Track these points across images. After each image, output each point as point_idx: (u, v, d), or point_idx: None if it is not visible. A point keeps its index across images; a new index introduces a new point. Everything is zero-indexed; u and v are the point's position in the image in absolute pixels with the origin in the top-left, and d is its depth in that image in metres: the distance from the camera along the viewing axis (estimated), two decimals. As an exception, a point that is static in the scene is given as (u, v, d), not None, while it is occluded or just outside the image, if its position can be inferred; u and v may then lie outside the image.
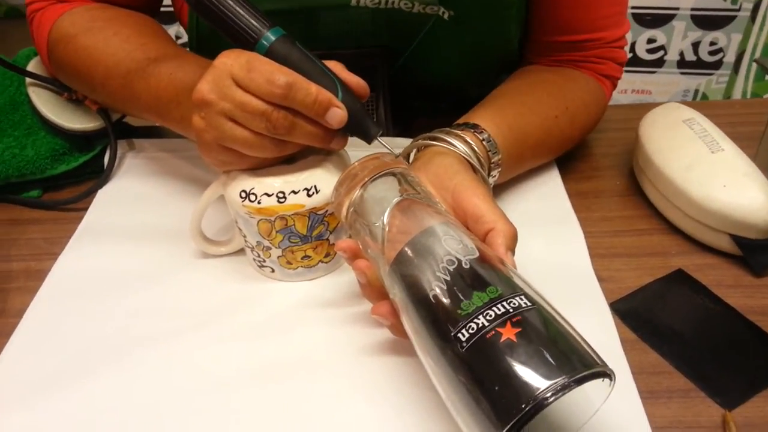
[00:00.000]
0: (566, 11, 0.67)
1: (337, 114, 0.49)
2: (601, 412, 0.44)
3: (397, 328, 0.46)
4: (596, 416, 0.44)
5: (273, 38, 0.50)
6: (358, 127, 0.52)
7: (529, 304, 0.38)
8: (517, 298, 0.38)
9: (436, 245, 0.42)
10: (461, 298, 0.39)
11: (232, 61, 0.48)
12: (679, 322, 0.54)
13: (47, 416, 0.48)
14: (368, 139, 0.53)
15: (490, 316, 0.37)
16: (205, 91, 0.48)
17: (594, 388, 0.37)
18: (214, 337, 0.53)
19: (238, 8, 0.50)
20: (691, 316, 0.54)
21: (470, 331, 0.37)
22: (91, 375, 0.50)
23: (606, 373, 0.36)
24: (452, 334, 0.38)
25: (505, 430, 0.34)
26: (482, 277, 0.40)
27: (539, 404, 0.34)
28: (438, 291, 0.40)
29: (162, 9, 0.75)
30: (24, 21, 0.70)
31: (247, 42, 0.50)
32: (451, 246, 0.42)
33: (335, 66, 0.52)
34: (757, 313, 0.54)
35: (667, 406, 0.47)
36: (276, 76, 0.47)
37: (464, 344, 0.37)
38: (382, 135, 0.53)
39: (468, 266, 0.41)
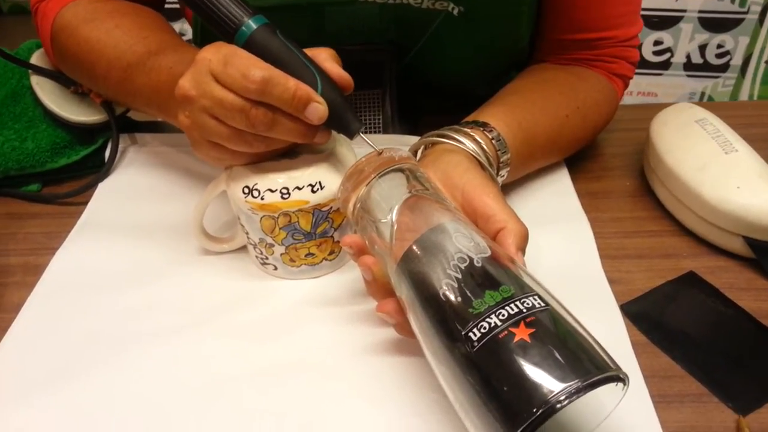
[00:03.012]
0: (580, 9, 0.66)
1: (317, 109, 0.47)
2: (613, 417, 0.43)
3: (403, 327, 0.45)
4: (608, 420, 0.43)
5: (254, 26, 0.47)
6: (339, 122, 0.49)
7: (542, 304, 0.37)
8: (531, 298, 0.37)
9: (446, 242, 0.41)
10: (473, 296, 0.38)
11: (211, 55, 0.46)
12: (690, 325, 0.53)
13: (44, 412, 0.46)
14: (349, 134, 0.50)
15: (503, 315, 0.36)
16: (186, 88, 0.47)
17: (606, 391, 0.36)
18: (216, 335, 0.52)
19: None
20: (703, 319, 0.53)
21: (482, 330, 0.36)
22: (89, 371, 0.49)
23: (620, 377, 0.35)
24: (463, 333, 0.37)
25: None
26: (494, 276, 0.39)
27: (552, 408, 0.33)
28: (448, 289, 0.39)
29: (167, 6, 0.74)
30: (27, 17, 0.69)
31: (228, 31, 0.48)
32: (462, 244, 0.41)
33: (320, 55, 0.49)
34: (770, 317, 0.53)
35: (680, 410, 0.46)
36: (252, 71, 0.45)
37: (475, 344, 0.36)
38: (396, 131, 0.51)
39: (480, 264, 0.40)
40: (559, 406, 0.33)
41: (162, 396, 0.47)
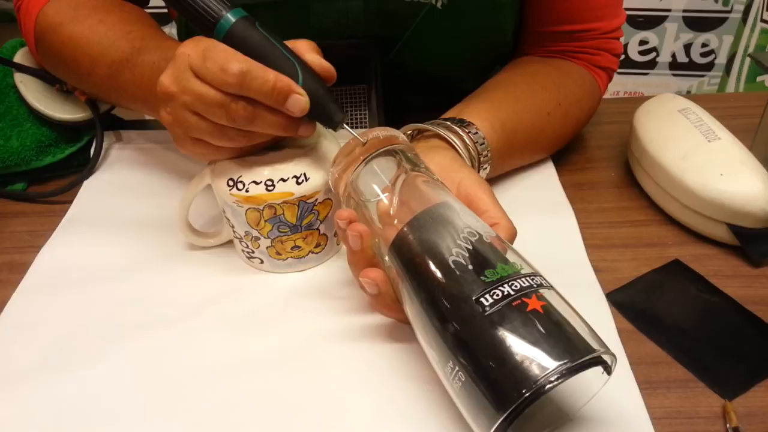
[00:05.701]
0: (562, 1, 0.66)
1: (298, 101, 0.46)
2: (600, 403, 0.44)
3: (382, 301, 0.46)
4: (595, 408, 0.44)
5: (233, 20, 0.47)
6: (322, 113, 0.48)
7: (548, 284, 0.39)
8: (538, 277, 0.39)
9: (454, 217, 0.43)
10: (485, 266, 0.39)
11: (190, 50, 0.46)
12: (676, 313, 0.53)
13: (29, 406, 0.46)
14: (333, 126, 0.49)
15: (516, 286, 0.37)
16: (166, 84, 0.47)
17: (593, 372, 0.37)
18: (202, 328, 0.52)
19: None
20: (688, 307, 0.53)
21: (495, 297, 0.37)
22: (74, 365, 0.49)
23: (607, 359, 0.37)
24: (474, 297, 0.37)
25: (531, 391, 0.34)
26: (503, 253, 0.41)
27: (567, 371, 0.34)
28: (459, 258, 0.40)
29: (157, 11, 0.73)
30: (15, 25, 0.69)
31: (207, 25, 0.48)
32: (470, 221, 0.43)
33: (301, 46, 0.49)
34: (755, 303, 0.53)
35: (666, 396, 0.46)
36: (230, 64, 0.44)
37: (487, 308, 0.37)
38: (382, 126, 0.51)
39: (489, 241, 0.41)
40: (570, 374, 0.34)
41: (149, 388, 0.47)
